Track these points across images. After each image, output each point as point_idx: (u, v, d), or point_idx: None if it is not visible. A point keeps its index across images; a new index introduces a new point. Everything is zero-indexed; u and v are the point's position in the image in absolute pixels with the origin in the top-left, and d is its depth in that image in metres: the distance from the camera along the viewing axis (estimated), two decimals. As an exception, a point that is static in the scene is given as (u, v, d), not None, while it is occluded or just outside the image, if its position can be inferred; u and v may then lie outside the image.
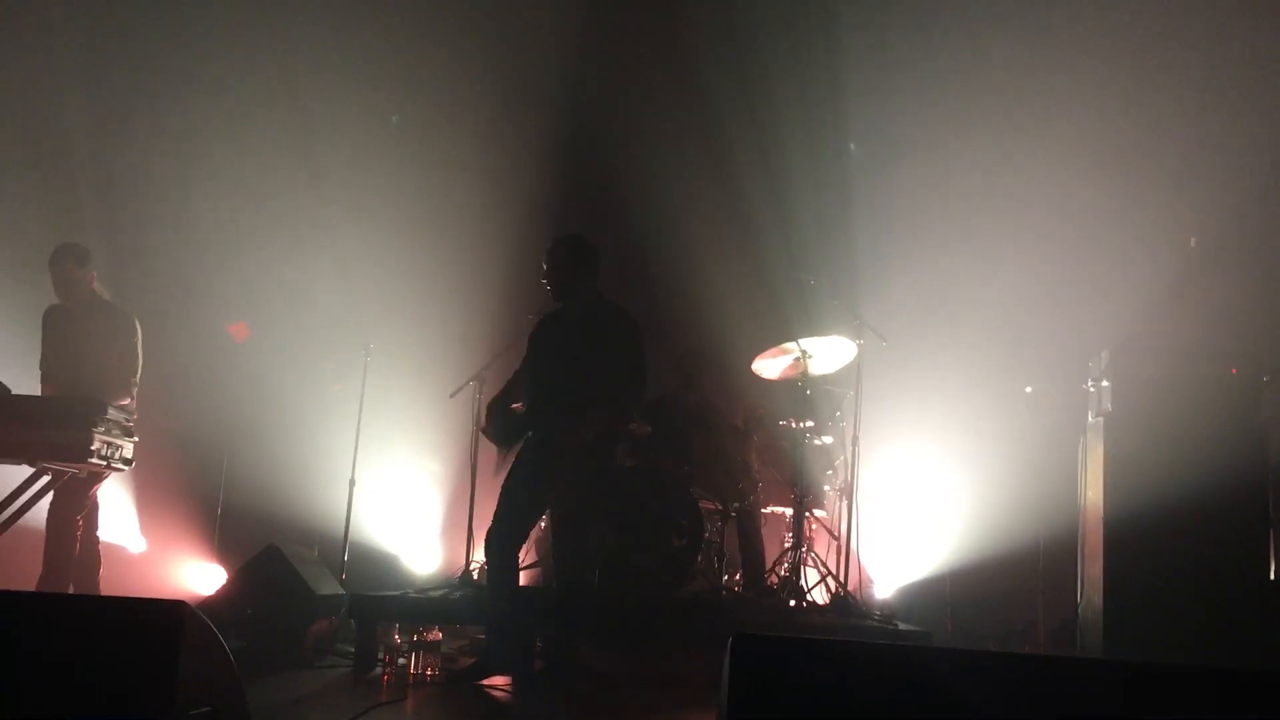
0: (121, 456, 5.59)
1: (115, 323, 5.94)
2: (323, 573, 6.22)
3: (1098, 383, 5.99)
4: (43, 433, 5.21)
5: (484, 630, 5.45)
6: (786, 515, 6.68)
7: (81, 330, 5.88)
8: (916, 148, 7.55)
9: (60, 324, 5.96)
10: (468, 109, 7.96)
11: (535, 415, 5.12)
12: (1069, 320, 6.97)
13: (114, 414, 5.44)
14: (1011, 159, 7.38)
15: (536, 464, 5.06)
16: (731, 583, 6.46)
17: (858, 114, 7.76)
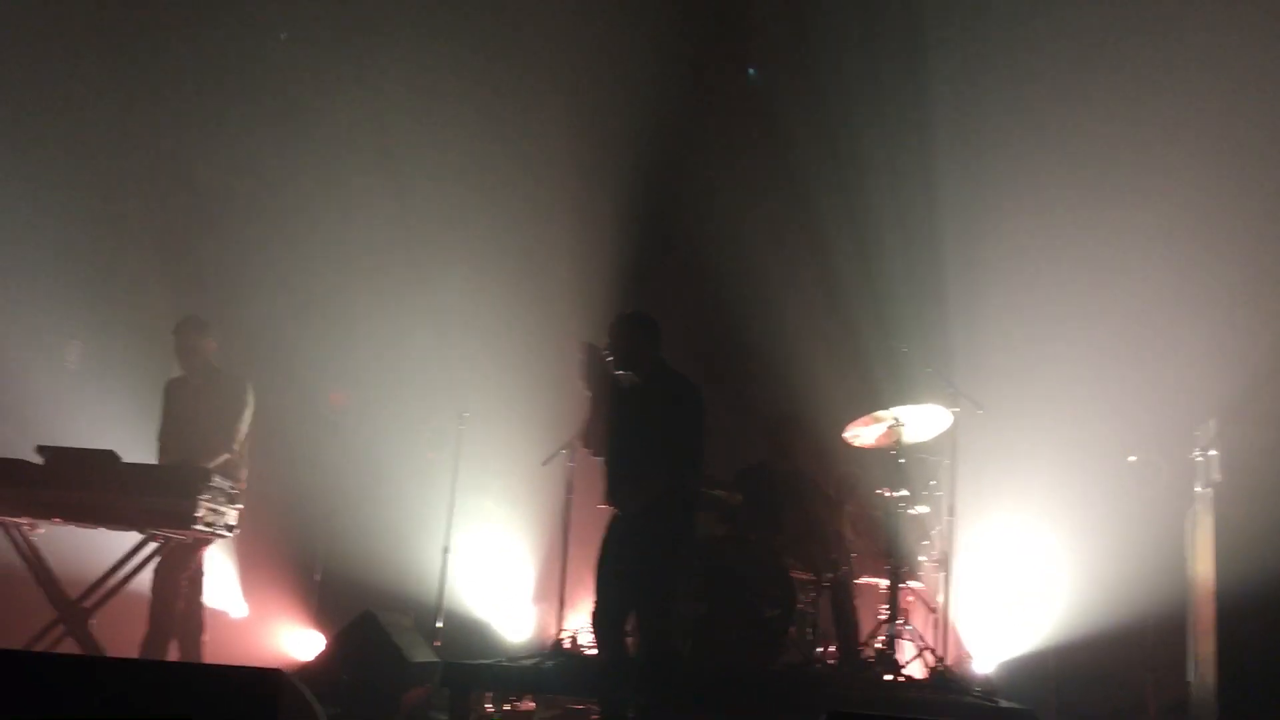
0: (225, 523, 5.73)
1: (232, 390, 6.17)
2: (417, 640, 6.26)
3: (1205, 452, 5.80)
4: (150, 500, 5.37)
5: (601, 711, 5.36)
6: (881, 586, 6.55)
7: (199, 401, 6.10)
8: (1011, 210, 7.46)
9: (180, 395, 6.19)
10: (562, 179, 8.11)
11: (607, 485, 5.18)
12: (1174, 386, 6.76)
13: (219, 481, 5.59)
14: (1111, 219, 7.26)
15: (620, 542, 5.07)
16: (825, 655, 6.34)
17: (951, 177, 7.71)
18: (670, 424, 5.08)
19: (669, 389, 5.18)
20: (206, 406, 6.10)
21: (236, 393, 6.16)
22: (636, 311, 5.38)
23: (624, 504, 5.08)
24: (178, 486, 5.42)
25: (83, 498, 5.37)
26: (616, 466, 5.15)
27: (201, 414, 6.08)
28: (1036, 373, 7.21)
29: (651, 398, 5.15)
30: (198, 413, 6.09)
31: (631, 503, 5.05)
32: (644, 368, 5.20)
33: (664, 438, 5.05)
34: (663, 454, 5.02)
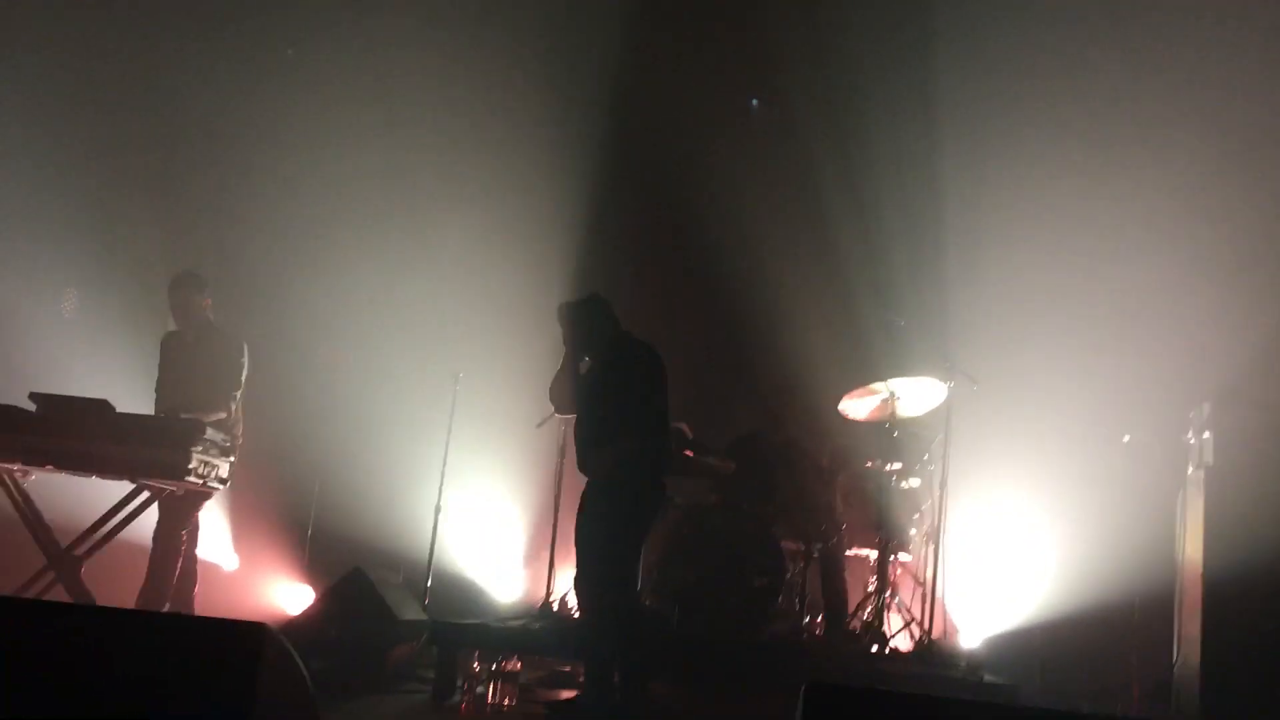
0: (217, 476, 5.74)
1: (226, 348, 6.15)
2: (406, 598, 6.29)
3: (1199, 434, 5.80)
4: (143, 451, 5.38)
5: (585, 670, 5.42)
6: (871, 559, 6.58)
7: (194, 356, 6.10)
8: (1011, 185, 7.42)
9: (175, 350, 6.19)
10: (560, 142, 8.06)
11: (577, 454, 5.31)
12: (1169, 368, 6.74)
13: (212, 434, 5.60)
14: (1110, 198, 7.22)
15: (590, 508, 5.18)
16: (813, 625, 6.37)
17: (951, 150, 7.66)
18: (628, 390, 5.17)
19: (626, 356, 5.27)
20: (202, 363, 6.10)
21: (232, 351, 6.16)
22: (579, 299, 5.47)
23: (589, 470, 5.20)
24: (171, 437, 5.43)
25: (75, 446, 5.38)
26: (582, 435, 5.27)
27: (197, 370, 6.08)
28: (1033, 350, 7.20)
29: (610, 367, 5.28)
30: (193, 368, 6.09)
31: (597, 469, 5.16)
32: (600, 346, 5.32)
33: (622, 403, 5.15)
34: (622, 420, 5.11)
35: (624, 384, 5.20)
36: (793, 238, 7.88)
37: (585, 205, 8.01)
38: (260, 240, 8.11)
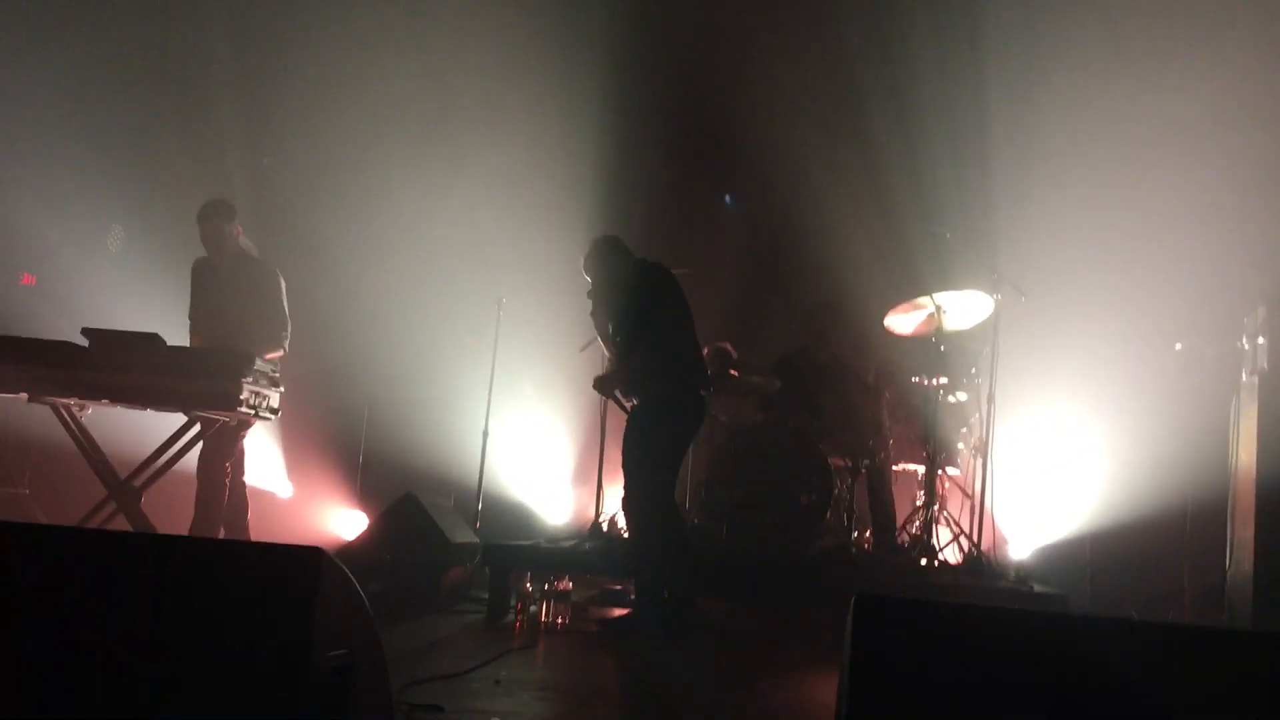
0: (269, 406, 5.80)
1: (261, 277, 6.13)
2: (458, 521, 6.38)
3: (1253, 339, 5.69)
4: (195, 383, 5.44)
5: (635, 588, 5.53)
6: (918, 473, 6.57)
7: (228, 284, 6.09)
8: (1059, 90, 7.24)
9: (207, 278, 6.17)
10: (598, 64, 7.95)
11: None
12: (1222, 273, 6.60)
13: (261, 365, 5.66)
14: (1161, 102, 7.01)
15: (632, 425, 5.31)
16: (861, 540, 6.40)
17: (997, 57, 7.46)
18: (638, 310, 5.29)
19: (637, 280, 5.38)
20: (241, 293, 6.06)
21: (269, 281, 6.12)
22: (591, 246, 5.53)
23: (624, 390, 5.38)
24: (222, 369, 5.48)
25: (129, 379, 5.44)
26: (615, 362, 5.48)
27: (237, 300, 6.06)
28: (1081, 258, 7.07)
29: (628, 292, 5.39)
30: (232, 299, 6.06)
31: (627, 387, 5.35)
32: (620, 281, 5.40)
33: (635, 323, 5.27)
34: (638, 340, 5.25)
35: (633, 304, 5.32)
36: (834, 151, 7.76)
37: (624, 125, 7.92)
38: (301, 169, 8.12)
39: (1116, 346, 6.85)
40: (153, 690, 2.10)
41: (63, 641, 2.14)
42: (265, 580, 2.18)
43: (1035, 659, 2.15)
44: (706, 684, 4.33)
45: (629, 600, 6.18)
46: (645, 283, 5.33)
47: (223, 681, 2.10)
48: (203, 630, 2.12)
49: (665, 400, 5.26)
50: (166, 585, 2.16)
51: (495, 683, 3.81)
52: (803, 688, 4.24)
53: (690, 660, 4.71)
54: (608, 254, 5.46)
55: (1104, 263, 7.01)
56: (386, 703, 2.55)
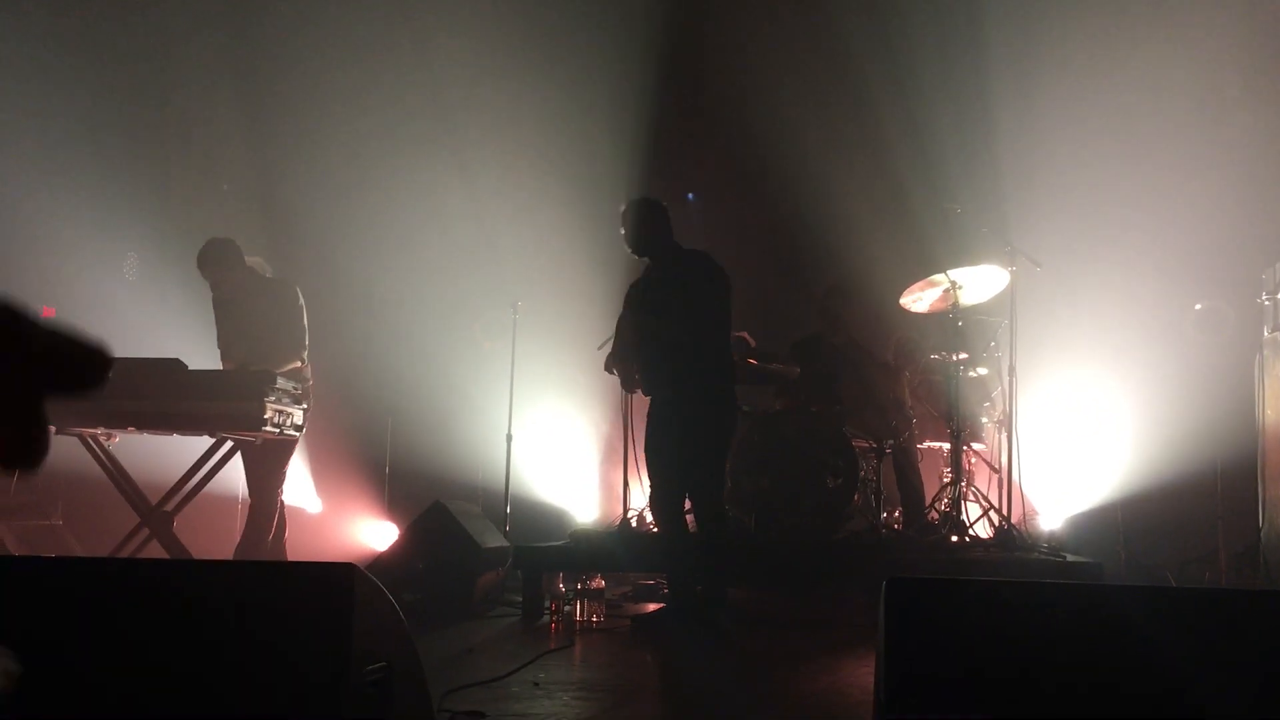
0: (293, 423, 5.84)
1: (278, 296, 6.14)
2: (487, 526, 6.41)
3: (1273, 295, 5.66)
4: (218, 405, 5.49)
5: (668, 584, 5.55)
6: (944, 450, 6.56)
7: (248, 309, 6.10)
8: (1065, 55, 7.20)
9: (228, 308, 6.21)
10: (605, 62, 7.96)
11: (649, 375, 5.28)
12: (1240, 230, 6.56)
13: (283, 383, 5.69)
14: (1171, 58, 6.97)
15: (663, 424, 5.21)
16: (891, 520, 6.39)
17: (1000, 27, 7.43)
18: (696, 302, 5.15)
19: (696, 268, 5.22)
20: (258, 314, 6.08)
21: (287, 298, 6.13)
22: (645, 197, 5.43)
23: (661, 388, 5.22)
24: (244, 390, 5.52)
25: (153, 406, 5.49)
26: (651, 353, 5.23)
27: (255, 322, 6.08)
28: (1095, 224, 7.04)
29: (676, 279, 5.21)
30: (252, 319, 6.09)
31: (672, 385, 5.16)
32: (658, 251, 5.30)
33: (702, 315, 5.14)
34: (691, 333, 5.12)
35: (703, 296, 5.17)
36: (841, 133, 7.74)
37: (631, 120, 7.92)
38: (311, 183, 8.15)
39: (1135, 310, 6.83)
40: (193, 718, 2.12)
41: (101, 669, 2.16)
42: (300, 600, 2.20)
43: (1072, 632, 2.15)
44: (743, 674, 4.34)
45: (662, 594, 6.20)
46: (726, 277, 5.24)
47: (263, 704, 2.12)
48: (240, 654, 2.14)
49: (726, 403, 5.22)
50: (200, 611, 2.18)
51: (535, 685, 3.83)
52: (840, 673, 4.24)
53: (726, 651, 4.72)
54: (662, 221, 5.31)
55: (1118, 227, 6.98)
56: (427, 712, 2.57)
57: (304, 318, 6.14)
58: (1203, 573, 6.48)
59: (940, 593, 2.22)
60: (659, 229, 5.29)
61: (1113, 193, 7.07)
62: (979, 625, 2.13)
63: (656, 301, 5.26)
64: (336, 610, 2.14)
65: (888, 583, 2.14)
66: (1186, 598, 2.39)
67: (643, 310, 5.31)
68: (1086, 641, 2.11)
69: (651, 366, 5.25)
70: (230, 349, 6.16)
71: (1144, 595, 2.38)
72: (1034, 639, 2.12)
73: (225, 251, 6.06)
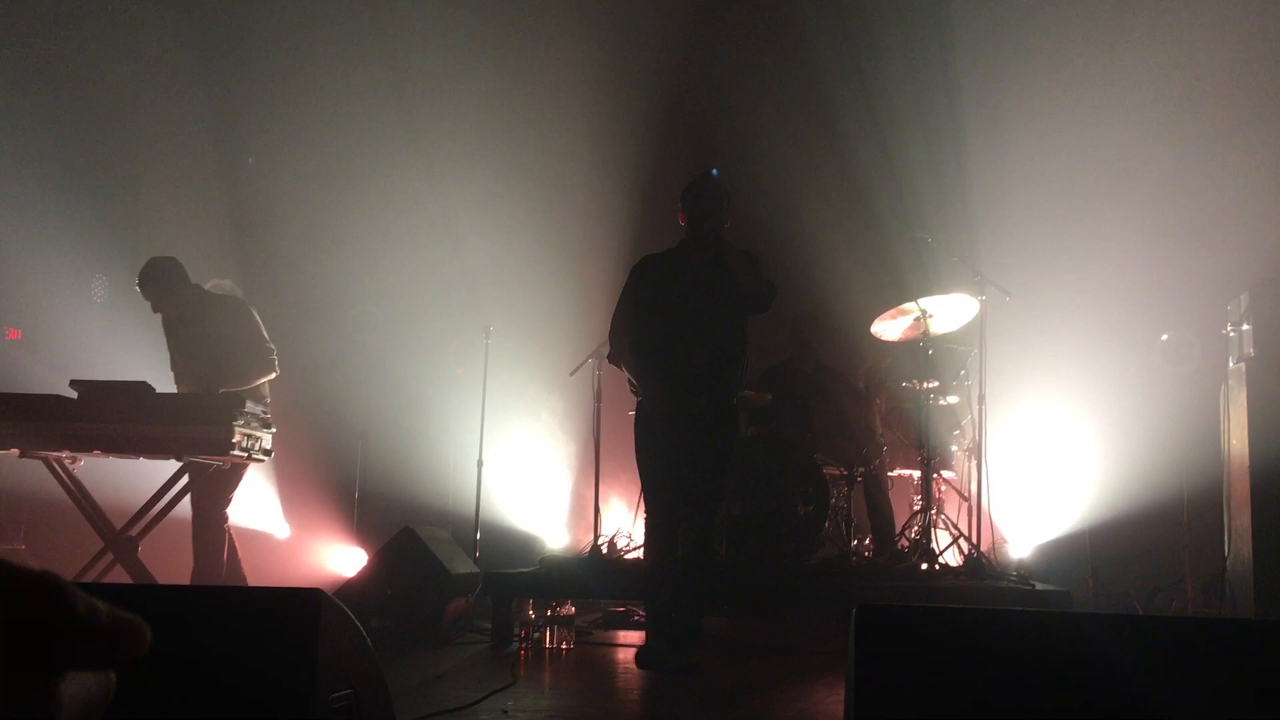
0: (261, 447, 5.78)
1: (229, 313, 6.00)
2: (457, 552, 6.37)
3: (1238, 327, 5.73)
4: (186, 429, 5.43)
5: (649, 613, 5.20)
6: (914, 478, 6.58)
7: (195, 331, 5.96)
8: (1033, 88, 7.29)
9: (176, 327, 6.07)
10: (575, 85, 7.99)
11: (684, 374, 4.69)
12: (1205, 262, 6.65)
13: (251, 407, 5.63)
14: (1138, 93, 7.08)
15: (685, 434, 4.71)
16: (861, 548, 6.40)
17: (972, 58, 7.52)
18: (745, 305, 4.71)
19: (750, 262, 4.68)
20: (211, 335, 5.95)
21: (239, 314, 6.00)
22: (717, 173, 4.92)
23: (697, 394, 4.66)
24: (212, 413, 5.47)
25: (120, 429, 5.44)
26: (694, 354, 4.68)
27: (207, 342, 5.95)
28: (1064, 255, 7.12)
29: (725, 271, 4.68)
30: (201, 342, 5.96)
31: (712, 396, 4.68)
32: (716, 237, 4.70)
33: (741, 322, 4.73)
34: (741, 341, 4.74)
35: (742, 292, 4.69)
36: (814, 161, 7.80)
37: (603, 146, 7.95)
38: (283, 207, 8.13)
39: (1103, 340, 6.90)
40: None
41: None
42: (266, 625, 2.17)
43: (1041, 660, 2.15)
44: (715, 701, 4.32)
45: (631, 621, 6.18)
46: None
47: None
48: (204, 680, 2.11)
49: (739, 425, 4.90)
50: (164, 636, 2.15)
51: (503, 713, 3.80)
52: (811, 700, 4.23)
53: (698, 678, 4.70)
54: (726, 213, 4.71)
55: (1086, 258, 7.06)
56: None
57: (263, 329, 6.03)
58: (1170, 601, 6.52)
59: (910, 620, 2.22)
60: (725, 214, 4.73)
61: (1081, 224, 7.16)
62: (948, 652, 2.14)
63: (708, 290, 4.69)
64: (302, 636, 2.11)
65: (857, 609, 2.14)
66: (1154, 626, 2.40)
67: (692, 297, 4.68)
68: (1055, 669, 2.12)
69: (690, 364, 4.67)
70: (183, 371, 6.05)
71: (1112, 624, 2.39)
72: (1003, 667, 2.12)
73: (166, 270, 5.91)
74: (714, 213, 4.66)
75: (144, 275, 5.93)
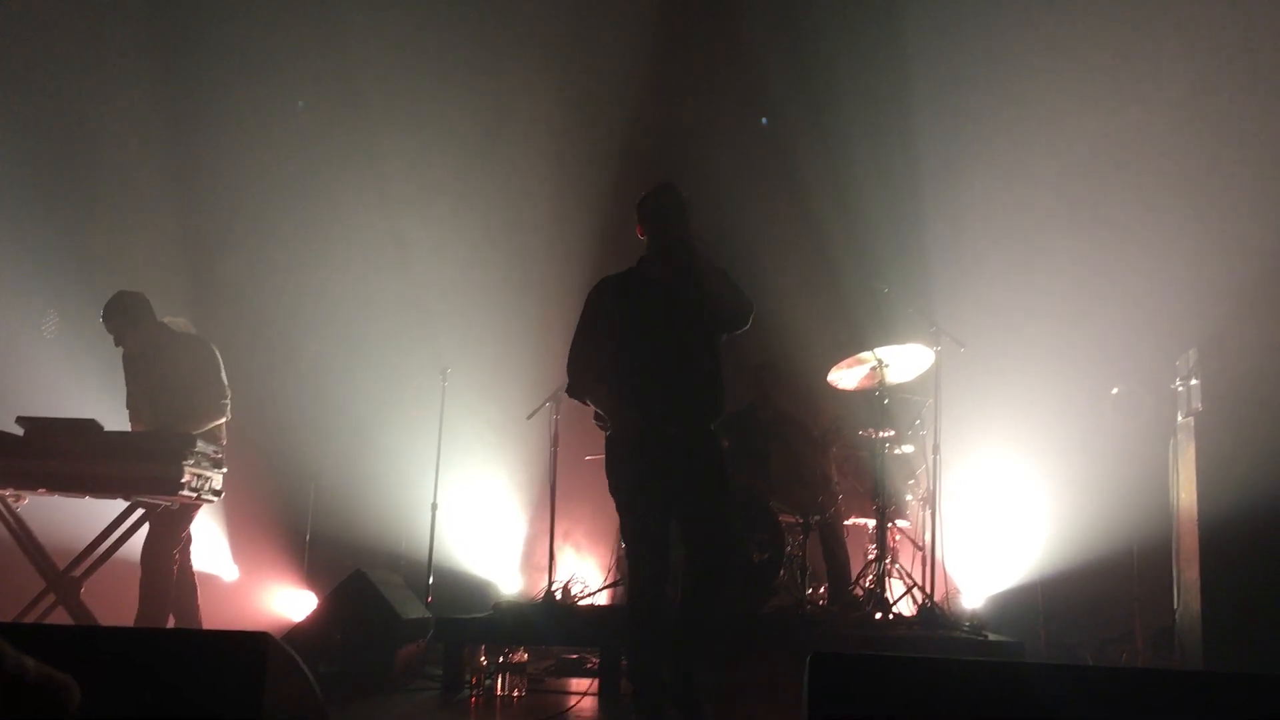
0: (211, 488, 5.70)
1: (192, 353, 5.94)
2: (409, 597, 6.29)
3: (1186, 382, 5.83)
4: (135, 467, 5.35)
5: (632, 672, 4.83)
6: (869, 526, 6.61)
7: (157, 368, 5.90)
8: (988, 146, 7.43)
9: (136, 364, 6.01)
10: (538, 131, 8.04)
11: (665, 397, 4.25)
12: (1155, 318, 6.78)
13: (202, 446, 5.56)
14: (1088, 152, 7.24)
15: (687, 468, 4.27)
16: (816, 596, 6.40)
17: (927, 114, 7.66)
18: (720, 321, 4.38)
19: (721, 278, 4.34)
20: (166, 373, 5.89)
21: (200, 354, 5.94)
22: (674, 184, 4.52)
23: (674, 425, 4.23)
24: (162, 452, 5.39)
25: (66, 467, 5.35)
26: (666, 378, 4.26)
27: (165, 381, 5.89)
28: (1018, 308, 7.23)
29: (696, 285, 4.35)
30: (158, 380, 5.89)
31: (688, 423, 4.26)
32: (683, 248, 4.37)
33: (716, 341, 4.37)
34: (716, 361, 4.34)
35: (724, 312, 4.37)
36: (773, 212, 7.88)
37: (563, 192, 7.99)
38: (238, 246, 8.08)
39: (1056, 392, 6.98)
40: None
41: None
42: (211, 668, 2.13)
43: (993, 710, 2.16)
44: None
45: (585, 669, 6.12)
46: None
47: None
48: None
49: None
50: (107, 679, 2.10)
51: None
52: (764, 750, 4.20)
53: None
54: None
55: (1040, 311, 7.17)
56: (340, 788, 2.50)
57: (222, 373, 5.98)
58: (1120, 653, 6.56)
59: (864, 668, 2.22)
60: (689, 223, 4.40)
61: (1035, 278, 7.28)
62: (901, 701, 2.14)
63: (676, 307, 4.32)
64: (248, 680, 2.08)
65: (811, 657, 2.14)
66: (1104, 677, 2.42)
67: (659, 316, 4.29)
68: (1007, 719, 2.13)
69: (663, 389, 4.24)
70: (139, 409, 5.97)
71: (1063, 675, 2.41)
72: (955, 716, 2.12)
73: (133, 305, 5.89)
74: (679, 221, 4.36)
75: (110, 308, 5.88)
